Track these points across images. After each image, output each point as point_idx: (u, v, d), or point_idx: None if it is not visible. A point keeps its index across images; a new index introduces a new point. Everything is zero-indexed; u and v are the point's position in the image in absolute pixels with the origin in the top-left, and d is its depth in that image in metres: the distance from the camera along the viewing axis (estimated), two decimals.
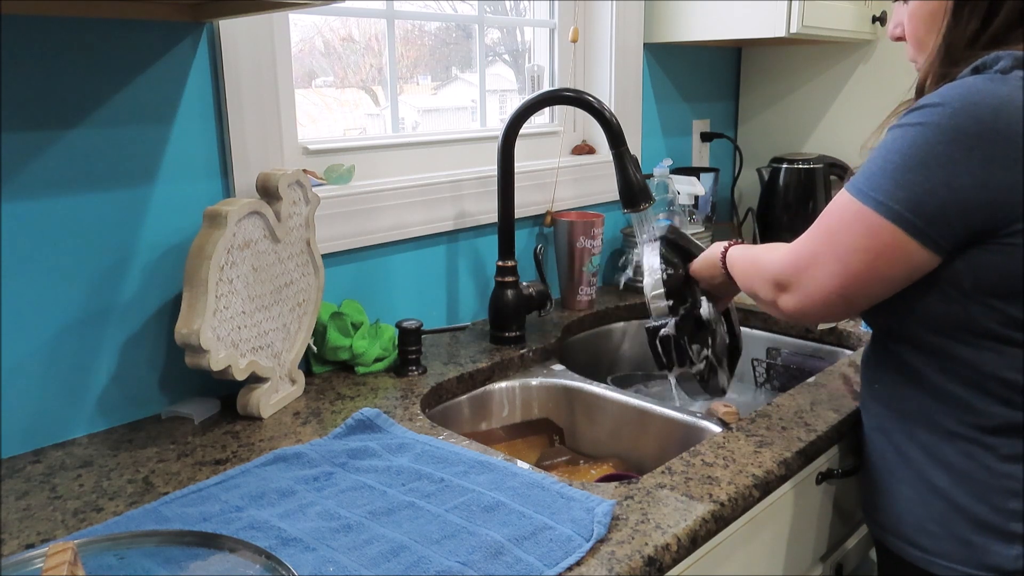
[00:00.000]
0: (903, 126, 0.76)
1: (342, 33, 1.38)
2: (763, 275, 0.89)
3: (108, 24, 0.95)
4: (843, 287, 0.80)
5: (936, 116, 0.74)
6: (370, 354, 1.18)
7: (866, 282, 0.79)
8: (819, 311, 0.84)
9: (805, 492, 1.00)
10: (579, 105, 1.23)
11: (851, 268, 0.79)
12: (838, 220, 0.80)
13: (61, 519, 0.80)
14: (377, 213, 1.26)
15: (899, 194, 0.75)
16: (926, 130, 0.74)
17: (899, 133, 0.76)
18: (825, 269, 0.81)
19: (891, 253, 0.77)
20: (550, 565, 0.70)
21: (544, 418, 1.24)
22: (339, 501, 0.81)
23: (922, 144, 0.74)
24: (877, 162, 0.78)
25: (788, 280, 0.85)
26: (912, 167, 0.74)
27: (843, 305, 0.82)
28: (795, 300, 0.85)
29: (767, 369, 1.46)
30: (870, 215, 0.76)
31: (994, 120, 0.71)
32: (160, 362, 1.06)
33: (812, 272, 0.82)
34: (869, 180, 0.78)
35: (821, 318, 0.87)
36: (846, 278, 0.79)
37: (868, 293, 0.81)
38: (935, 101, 0.75)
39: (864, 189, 0.78)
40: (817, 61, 1.95)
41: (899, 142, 0.76)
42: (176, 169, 1.04)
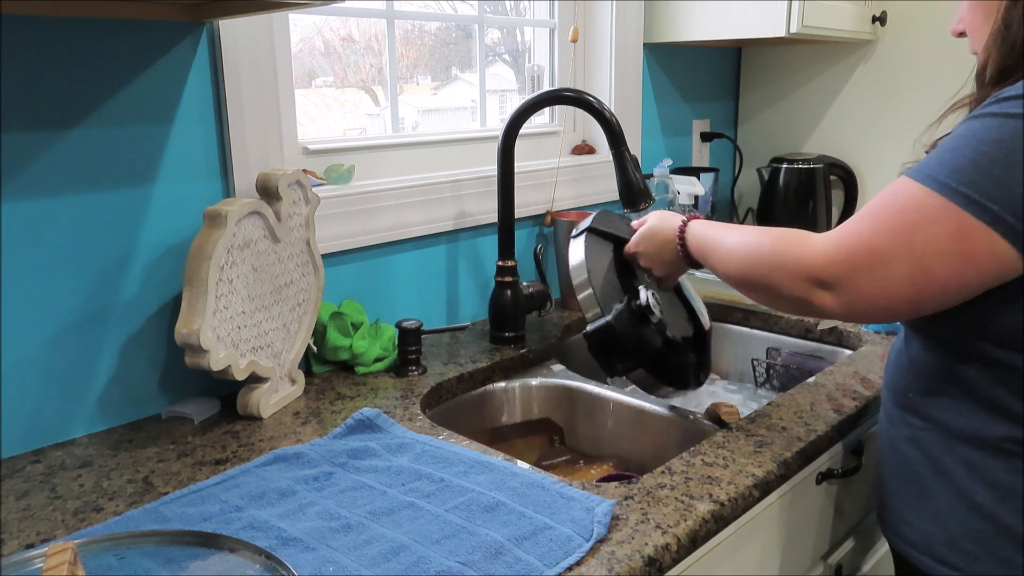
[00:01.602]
0: (997, 115, 0.68)
1: (342, 33, 1.38)
2: (795, 271, 0.78)
3: (108, 24, 0.95)
4: (917, 292, 0.71)
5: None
6: (370, 354, 1.18)
7: (944, 288, 0.71)
8: (877, 315, 0.76)
9: (805, 492, 1.00)
10: (579, 105, 1.23)
11: (930, 271, 0.70)
12: (915, 215, 0.70)
13: (61, 519, 0.80)
14: (377, 213, 1.26)
15: (998, 193, 0.66)
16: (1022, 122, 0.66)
17: (993, 123, 0.68)
18: (895, 270, 0.71)
19: (982, 258, 0.68)
20: (550, 565, 0.70)
21: (544, 418, 1.24)
22: (339, 501, 0.81)
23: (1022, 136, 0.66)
24: (965, 153, 0.69)
25: (837, 278, 0.75)
26: (1013, 163, 0.66)
27: (906, 310, 0.74)
28: (842, 300, 0.75)
29: (767, 369, 1.46)
30: (960, 214, 0.68)
31: None
32: (160, 362, 1.06)
33: (876, 272, 0.72)
34: (957, 174, 0.68)
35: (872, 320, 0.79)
36: (921, 282, 0.71)
37: (942, 299, 0.72)
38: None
39: (948, 182, 0.68)
40: (817, 61, 1.96)
41: (993, 132, 0.67)
42: (176, 169, 1.04)
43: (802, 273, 0.78)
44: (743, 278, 0.87)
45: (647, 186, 1.22)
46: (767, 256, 0.82)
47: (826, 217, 1.87)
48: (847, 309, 0.76)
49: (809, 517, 1.03)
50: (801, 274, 0.78)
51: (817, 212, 1.85)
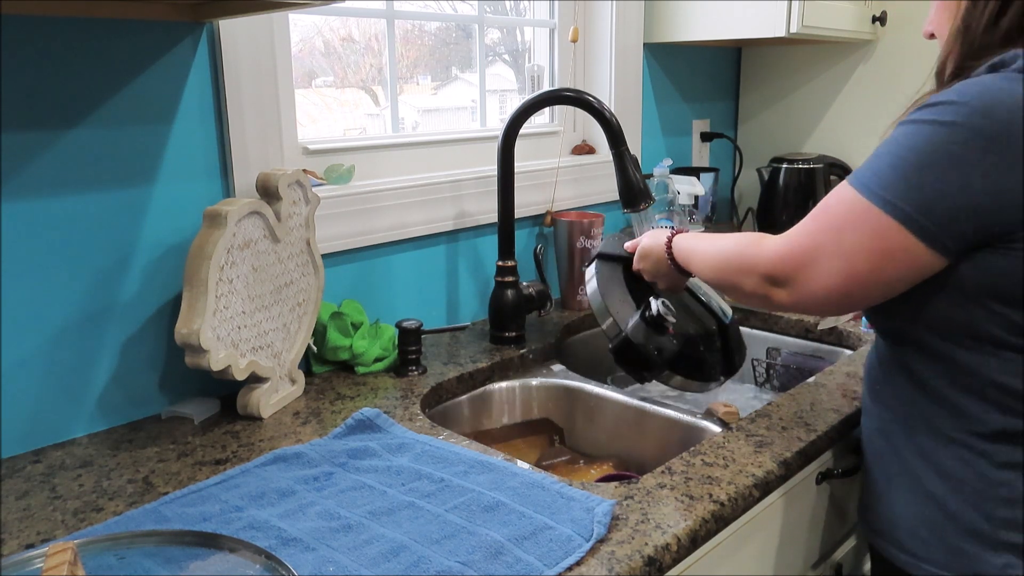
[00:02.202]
0: (916, 122, 0.74)
1: (342, 33, 1.38)
2: (752, 270, 0.86)
3: (108, 24, 0.95)
4: (845, 286, 0.78)
5: (952, 114, 0.71)
6: (370, 354, 1.18)
7: (870, 283, 0.77)
8: (818, 307, 0.82)
9: (805, 492, 1.00)
10: (579, 105, 1.23)
11: (856, 268, 0.76)
12: (844, 217, 0.77)
13: (61, 519, 0.80)
14: (377, 213, 1.26)
15: (911, 195, 0.72)
16: (941, 128, 0.71)
17: (911, 129, 0.74)
18: (827, 266, 0.78)
19: (899, 256, 0.74)
20: (550, 565, 0.70)
21: (544, 418, 1.24)
22: (339, 501, 0.81)
23: (937, 143, 0.71)
24: (886, 158, 0.75)
25: (786, 275, 0.82)
26: (925, 167, 0.72)
27: (844, 303, 0.81)
28: (791, 296, 0.83)
29: (767, 369, 1.46)
30: (878, 215, 0.74)
31: (1011, 121, 0.69)
32: (160, 362, 1.06)
33: (814, 268, 0.79)
34: (878, 177, 0.75)
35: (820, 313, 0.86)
36: (850, 277, 0.77)
37: (869, 294, 0.79)
38: (951, 98, 0.72)
39: (873, 187, 0.75)
40: (817, 61, 1.96)
41: (912, 138, 0.73)
42: (176, 169, 1.04)
43: (759, 272, 0.85)
44: (716, 280, 0.96)
45: (647, 186, 1.22)
46: (731, 260, 0.91)
47: None
48: (795, 302, 0.83)
49: (809, 517, 1.03)
50: (758, 273, 0.85)
51: None
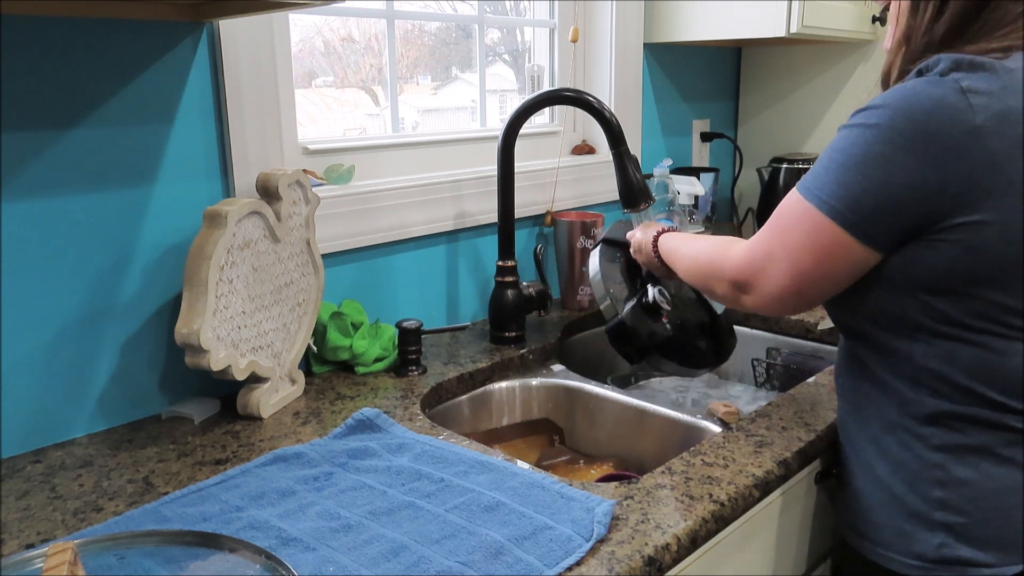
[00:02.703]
0: (849, 126, 0.79)
1: (342, 33, 1.38)
2: (721, 277, 0.91)
3: (108, 24, 0.95)
4: (795, 284, 0.82)
5: (876, 117, 0.76)
6: (370, 354, 1.18)
7: (815, 279, 0.81)
8: (777, 308, 0.87)
9: (804, 492, 1.00)
10: (579, 105, 1.23)
11: (801, 266, 0.81)
12: (788, 218, 0.82)
13: (61, 519, 0.80)
14: (377, 213, 1.26)
15: (840, 192, 0.77)
16: (867, 131, 0.76)
17: (844, 133, 0.79)
18: (778, 267, 0.83)
19: (835, 250, 0.79)
20: (550, 565, 0.70)
21: (544, 418, 1.24)
22: (339, 501, 0.81)
23: (862, 144, 0.76)
24: (823, 161, 0.80)
25: (746, 280, 0.87)
26: (852, 166, 0.77)
27: (798, 301, 0.85)
28: (755, 300, 0.87)
29: (767, 369, 1.46)
30: (815, 213, 0.79)
31: (927, 121, 0.73)
32: (160, 362, 1.06)
33: (768, 271, 0.84)
34: (815, 179, 0.80)
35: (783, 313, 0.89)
36: (797, 275, 0.82)
37: (819, 289, 0.83)
38: (878, 103, 0.77)
39: (811, 188, 0.80)
40: (817, 61, 1.96)
41: (843, 142, 0.79)
42: (176, 169, 1.04)
43: (726, 278, 0.90)
44: (693, 284, 1.01)
45: (647, 186, 1.22)
46: (703, 264, 0.96)
47: None
48: (758, 304, 0.87)
49: (808, 517, 1.03)
50: (726, 279, 0.90)
51: None
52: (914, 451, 0.82)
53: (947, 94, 0.74)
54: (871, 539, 0.87)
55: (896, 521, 0.84)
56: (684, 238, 1.05)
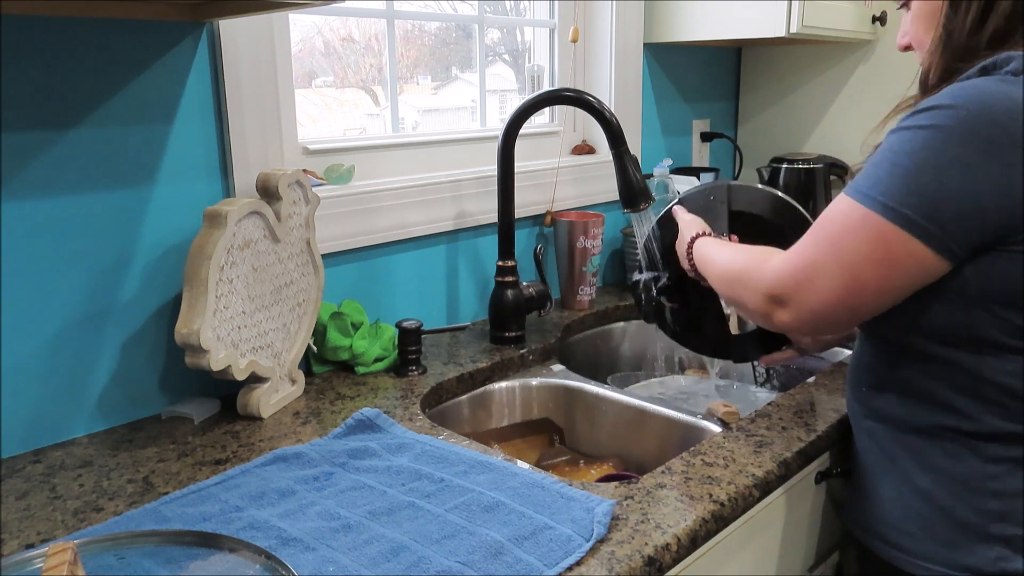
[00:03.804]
0: (910, 128, 0.73)
1: (342, 33, 1.38)
2: (755, 288, 0.85)
3: (108, 24, 0.95)
4: (848, 298, 0.76)
5: (948, 118, 0.71)
6: (370, 354, 1.18)
7: (875, 292, 0.76)
8: (820, 324, 0.81)
9: (804, 492, 1.00)
10: (579, 105, 1.23)
11: (859, 278, 0.75)
12: (841, 227, 0.76)
13: (61, 519, 0.80)
14: (377, 213, 1.26)
15: (911, 200, 0.71)
16: (938, 132, 0.71)
17: (907, 135, 0.73)
18: (828, 279, 0.77)
19: (903, 261, 0.73)
20: (550, 565, 0.70)
21: (544, 418, 1.24)
22: (339, 501, 0.81)
23: (934, 147, 0.71)
24: (883, 166, 0.74)
25: (787, 294, 0.81)
26: (924, 171, 0.71)
27: (847, 317, 0.79)
28: (793, 314, 0.81)
29: (767, 369, 1.46)
30: (878, 221, 0.73)
31: (1009, 123, 0.69)
32: (160, 362, 1.06)
33: (814, 282, 0.78)
34: (876, 184, 0.74)
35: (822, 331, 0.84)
36: (853, 288, 0.76)
37: (876, 303, 0.77)
38: (945, 102, 0.72)
39: (870, 193, 0.74)
40: (817, 61, 1.95)
41: (908, 144, 0.73)
42: (176, 169, 1.04)
43: (761, 291, 0.84)
44: (724, 295, 0.98)
45: (647, 186, 1.22)
46: (737, 275, 0.91)
47: None
48: (798, 321, 0.82)
49: (808, 517, 1.03)
50: (760, 292, 0.84)
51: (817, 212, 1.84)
52: (965, 462, 0.79)
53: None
54: (909, 551, 0.83)
55: (943, 533, 0.81)
56: (720, 245, 1.01)
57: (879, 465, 0.88)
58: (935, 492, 0.81)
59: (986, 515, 0.78)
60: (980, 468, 0.78)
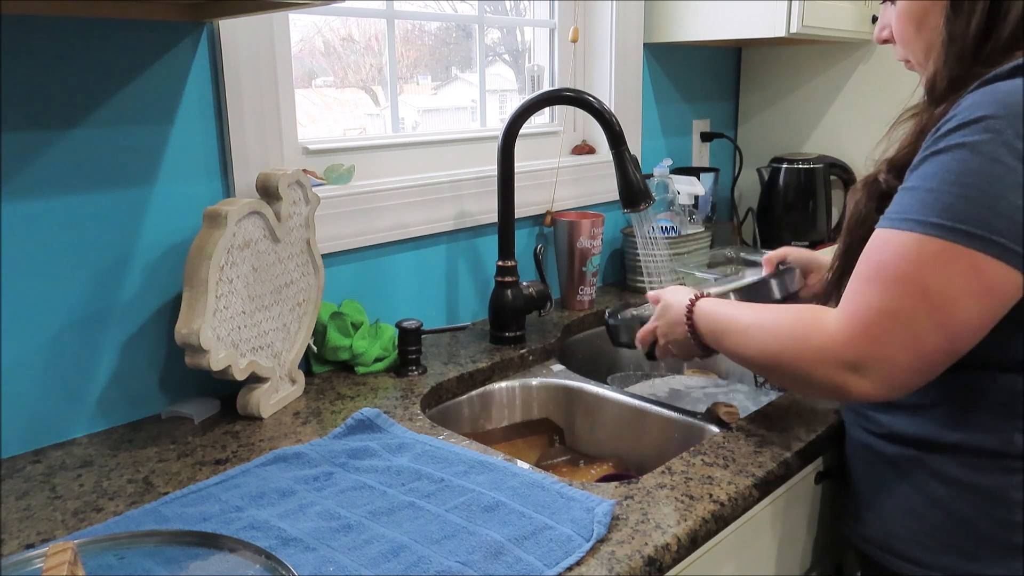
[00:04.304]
0: (961, 146, 0.67)
1: (342, 33, 1.38)
2: (821, 356, 0.73)
3: (108, 24, 0.95)
4: (949, 339, 0.68)
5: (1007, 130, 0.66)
6: (370, 354, 1.18)
7: (976, 328, 0.68)
8: (917, 379, 0.71)
9: (804, 492, 1.00)
10: (579, 105, 1.23)
11: (958, 315, 0.67)
12: (917, 264, 0.67)
13: (61, 519, 0.80)
14: (377, 213, 1.26)
15: (998, 224, 0.65)
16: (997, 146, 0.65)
17: (962, 155, 0.67)
18: (920, 326, 0.68)
19: (1000, 288, 0.66)
20: (550, 565, 0.70)
21: (544, 418, 1.24)
22: (339, 501, 0.81)
23: (998, 161, 0.65)
24: (948, 189, 0.67)
25: (867, 356, 0.70)
26: (998, 191, 0.65)
27: (946, 360, 0.70)
28: (881, 378, 0.70)
29: None
30: (964, 252, 0.66)
31: None
32: (160, 362, 1.06)
33: (902, 335, 0.68)
34: (947, 211, 0.67)
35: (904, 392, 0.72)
36: (953, 328, 0.68)
37: (977, 338, 0.69)
38: (991, 112, 0.67)
39: (947, 223, 0.66)
40: (817, 61, 1.95)
41: (968, 164, 0.66)
42: (176, 169, 1.04)
43: (829, 359, 0.72)
44: (766, 366, 0.82)
45: (647, 186, 1.22)
46: (787, 342, 0.77)
47: (826, 217, 1.87)
48: (886, 386, 0.71)
49: (808, 517, 1.03)
50: (828, 360, 0.72)
51: (817, 212, 1.85)
52: (989, 475, 0.76)
53: None
54: (924, 564, 0.81)
55: (962, 545, 0.78)
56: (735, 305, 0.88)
57: (885, 475, 0.85)
58: (954, 504, 0.79)
59: (1012, 526, 0.76)
60: (1004, 479, 0.76)
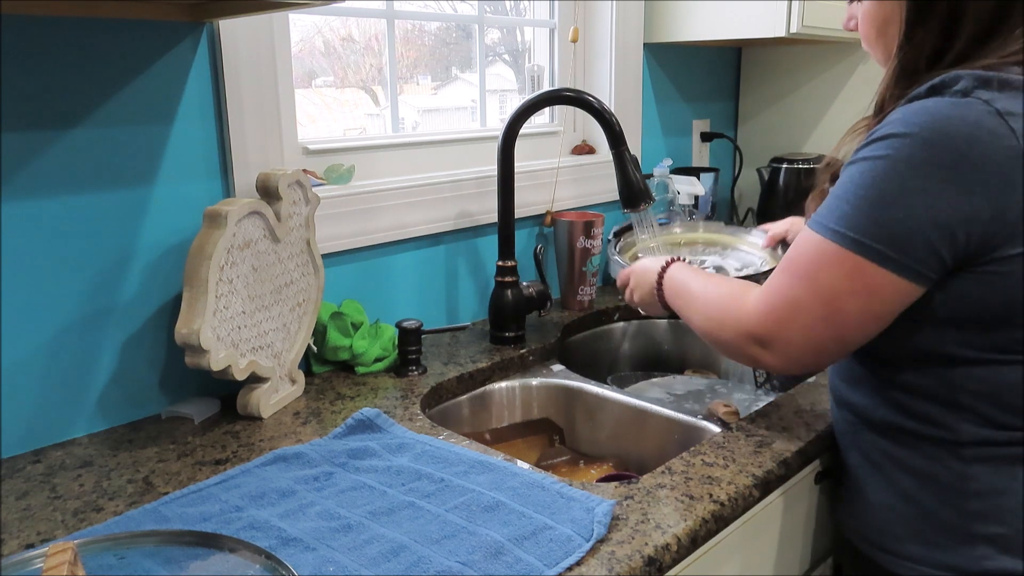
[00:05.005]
0: (869, 159, 0.73)
1: (342, 33, 1.38)
2: (737, 328, 0.84)
3: (108, 24, 0.95)
4: (836, 331, 0.77)
5: (906, 147, 0.71)
6: (370, 354, 1.18)
7: (858, 323, 0.76)
8: (808, 362, 0.81)
9: (804, 492, 1.00)
10: (579, 105, 1.23)
11: (841, 311, 0.76)
12: (816, 264, 0.76)
13: (61, 519, 0.80)
14: (377, 213, 1.26)
15: (880, 233, 0.72)
16: (897, 163, 0.71)
17: (867, 166, 0.73)
18: (811, 315, 0.77)
19: (881, 291, 0.74)
20: (550, 565, 0.70)
21: (544, 418, 1.23)
22: (339, 501, 0.81)
23: (895, 177, 0.71)
24: (848, 199, 0.74)
25: (770, 333, 0.80)
26: (889, 203, 0.71)
27: (834, 350, 0.79)
28: (779, 355, 0.81)
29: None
30: (851, 257, 0.74)
31: (968, 149, 0.69)
32: (160, 362, 1.06)
33: (797, 320, 0.78)
34: (843, 219, 0.74)
35: (812, 368, 0.83)
36: (835, 322, 0.76)
37: (861, 334, 0.78)
38: (900, 131, 0.72)
39: (839, 229, 0.74)
40: (817, 61, 1.96)
41: (868, 176, 0.73)
42: (176, 169, 1.04)
43: (741, 331, 0.83)
44: (700, 330, 0.93)
45: (647, 186, 1.22)
46: (714, 312, 0.89)
47: None
48: (784, 361, 0.81)
49: (808, 517, 1.03)
50: (741, 332, 0.83)
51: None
52: (944, 463, 0.80)
53: (982, 118, 0.69)
54: (895, 552, 0.84)
55: (927, 535, 0.81)
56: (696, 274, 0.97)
57: (865, 469, 0.89)
58: (918, 494, 0.82)
59: (968, 515, 0.79)
60: (960, 469, 0.79)
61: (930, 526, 0.81)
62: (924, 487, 0.81)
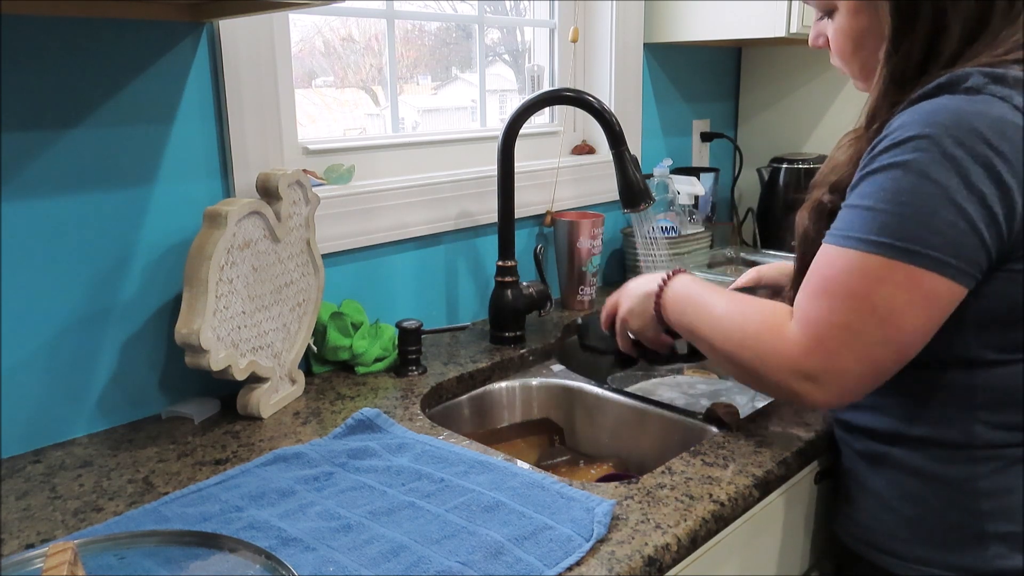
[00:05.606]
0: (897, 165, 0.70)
1: (342, 33, 1.38)
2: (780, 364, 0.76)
3: (108, 24, 0.95)
4: (896, 350, 0.72)
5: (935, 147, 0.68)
6: (370, 354, 1.18)
7: (923, 336, 0.72)
8: (868, 388, 0.75)
9: (804, 492, 1.00)
10: (579, 105, 1.23)
11: (903, 327, 0.71)
12: (861, 281, 0.71)
13: (61, 519, 0.80)
14: (377, 213, 1.26)
15: (932, 239, 0.68)
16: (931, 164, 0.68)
17: (898, 173, 0.70)
18: (869, 338, 0.71)
19: (941, 300, 0.70)
20: (550, 565, 0.70)
21: (544, 418, 1.23)
22: (339, 501, 0.81)
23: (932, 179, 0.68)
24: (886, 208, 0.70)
25: (820, 366, 0.73)
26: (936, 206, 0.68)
27: (897, 368, 0.74)
28: (833, 387, 0.74)
29: None
30: (903, 268, 0.69)
31: (999, 143, 0.68)
32: (160, 362, 1.06)
33: (853, 347, 0.72)
34: (885, 229, 0.70)
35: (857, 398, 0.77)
36: (899, 339, 0.71)
37: (919, 347, 0.73)
38: (922, 132, 0.69)
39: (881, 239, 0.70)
40: (817, 61, 1.95)
41: (902, 181, 0.69)
42: (176, 169, 1.04)
43: (786, 367, 0.76)
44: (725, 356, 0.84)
45: (647, 186, 1.22)
46: (750, 343, 0.79)
47: None
48: (837, 394, 0.74)
49: (808, 516, 1.03)
50: (785, 368, 0.76)
51: None
52: (956, 465, 0.79)
53: (1005, 113, 0.68)
54: (899, 555, 0.83)
55: (934, 536, 0.81)
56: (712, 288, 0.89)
57: (862, 473, 0.88)
58: (924, 496, 0.81)
59: (979, 515, 0.78)
60: (970, 469, 0.78)
61: (937, 527, 0.81)
62: (930, 488, 0.81)
